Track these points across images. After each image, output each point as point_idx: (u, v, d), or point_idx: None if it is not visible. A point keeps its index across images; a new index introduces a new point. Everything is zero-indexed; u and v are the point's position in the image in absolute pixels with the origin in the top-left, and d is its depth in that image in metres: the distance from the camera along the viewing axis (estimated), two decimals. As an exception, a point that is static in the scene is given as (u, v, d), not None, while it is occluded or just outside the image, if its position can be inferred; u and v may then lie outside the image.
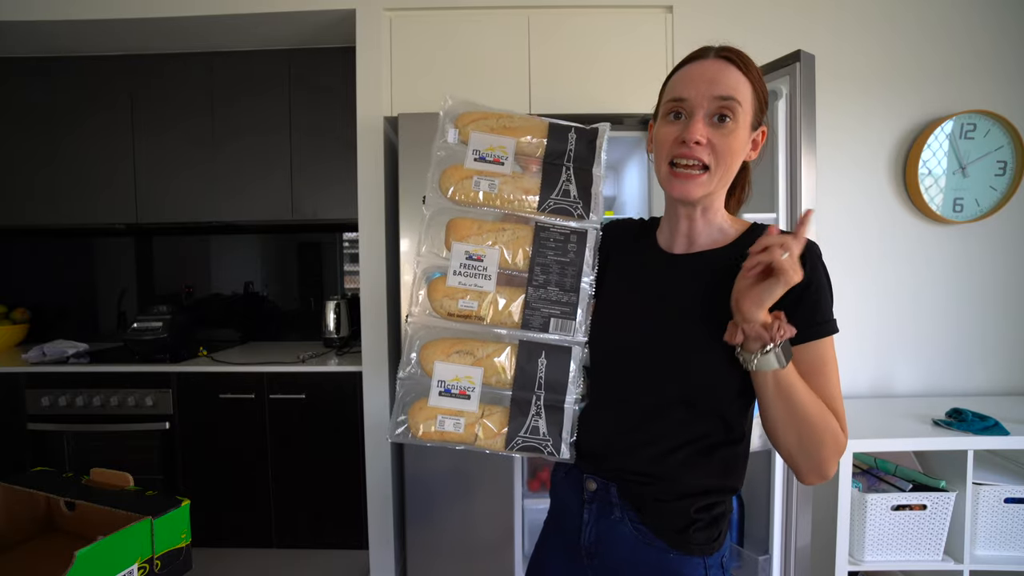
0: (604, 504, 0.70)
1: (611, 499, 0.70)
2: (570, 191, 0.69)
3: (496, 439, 0.67)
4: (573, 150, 0.70)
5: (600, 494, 0.71)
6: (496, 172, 0.68)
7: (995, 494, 1.45)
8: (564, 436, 0.67)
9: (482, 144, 0.69)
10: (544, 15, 1.84)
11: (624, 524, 0.69)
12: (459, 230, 0.69)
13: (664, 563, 0.67)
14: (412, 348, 0.69)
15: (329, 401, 1.96)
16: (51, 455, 1.98)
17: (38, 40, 2.08)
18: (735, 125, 0.65)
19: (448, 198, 0.69)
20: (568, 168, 0.69)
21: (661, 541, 0.67)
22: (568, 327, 0.68)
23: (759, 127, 0.69)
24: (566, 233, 0.69)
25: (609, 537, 0.70)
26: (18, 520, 0.78)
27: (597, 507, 0.71)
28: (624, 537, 0.69)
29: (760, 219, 1.24)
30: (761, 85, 0.68)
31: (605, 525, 0.70)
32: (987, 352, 1.89)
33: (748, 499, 1.37)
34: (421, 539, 1.70)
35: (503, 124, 0.70)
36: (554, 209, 0.68)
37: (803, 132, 1.18)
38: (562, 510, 0.78)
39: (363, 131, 1.85)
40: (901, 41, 1.86)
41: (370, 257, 1.87)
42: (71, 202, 2.21)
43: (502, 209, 0.69)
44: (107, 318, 2.57)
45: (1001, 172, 1.81)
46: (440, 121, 0.71)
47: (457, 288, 0.68)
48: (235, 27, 1.98)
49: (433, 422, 0.67)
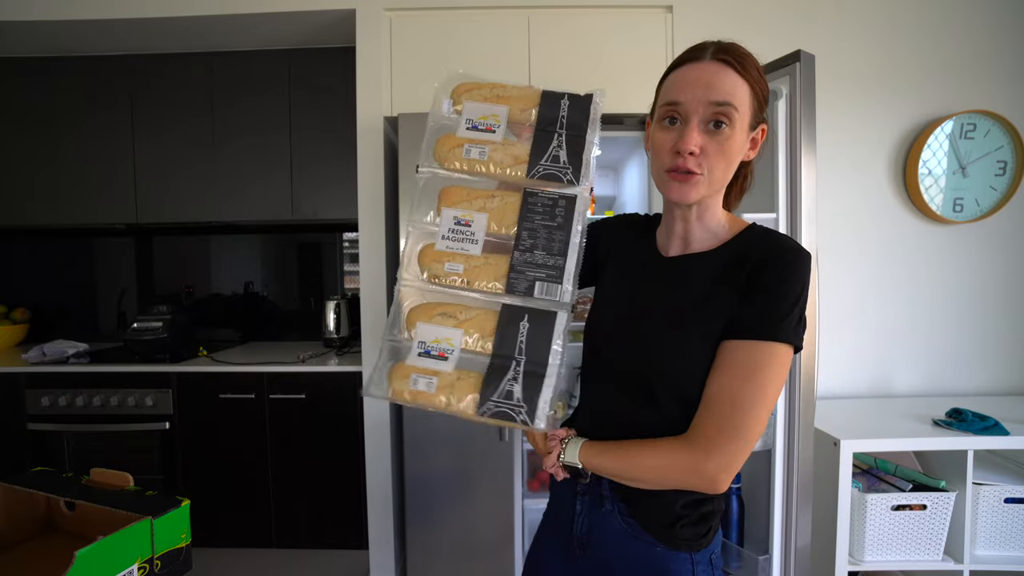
0: (596, 496, 0.72)
1: (603, 492, 0.71)
2: (560, 157, 0.67)
3: (467, 403, 0.64)
4: (566, 117, 0.68)
5: (592, 487, 0.72)
6: (487, 140, 0.68)
7: (995, 494, 1.45)
8: (541, 405, 0.62)
9: (475, 113, 0.69)
10: (544, 15, 1.84)
11: (614, 517, 0.70)
12: (450, 196, 0.69)
13: (652, 557, 0.68)
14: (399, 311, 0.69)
15: (329, 401, 1.96)
16: (51, 455, 1.98)
17: (38, 40, 2.08)
18: (731, 131, 0.63)
19: (440, 165, 0.69)
20: (560, 135, 0.68)
21: (649, 535, 0.68)
22: (554, 291, 0.66)
23: (759, 126, 0.68)
24: (554, 198, 0.68)
25: (600, 529, 0.72)
26: (18, 520, 0.78)
27: (590, 499, 0.73)
28: (614, 529, 0.70)
29: (760, 219, 1.24)
30: (760, 83, 0.66)
31: (597, 517, 0.72)
32: (987, 352, 1.89)
33: (748, 499, 1.37)
34: (421, 539, 1.70)
35: (496, 93, 0.70)
36: (543, 175, 0.67)
37: (803, 132, 1.18)
38: (558, 502, 0.79)
39: (363, 131, 1.85)
40: (901, 41, 1.86)
41: (370, 257, 1.87)
42: (71, 202, 2.21)
43: (492, 176, 0.69)
44: (107, 318, 2.57)
45: (1001, 172, 1.81)
46: (435, 92, 0.71)
47: (444, 252, 0.68)
48: (235, 27, 1.98)
49: (407, 381, 0.65)
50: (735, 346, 0.62)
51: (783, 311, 0.61)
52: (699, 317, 0.65)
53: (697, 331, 0.64)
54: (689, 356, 0.64)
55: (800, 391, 1.19)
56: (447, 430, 1.68)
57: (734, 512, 1.36)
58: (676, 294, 0.68)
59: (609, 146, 1.86)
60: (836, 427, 1.50)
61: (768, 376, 0.61)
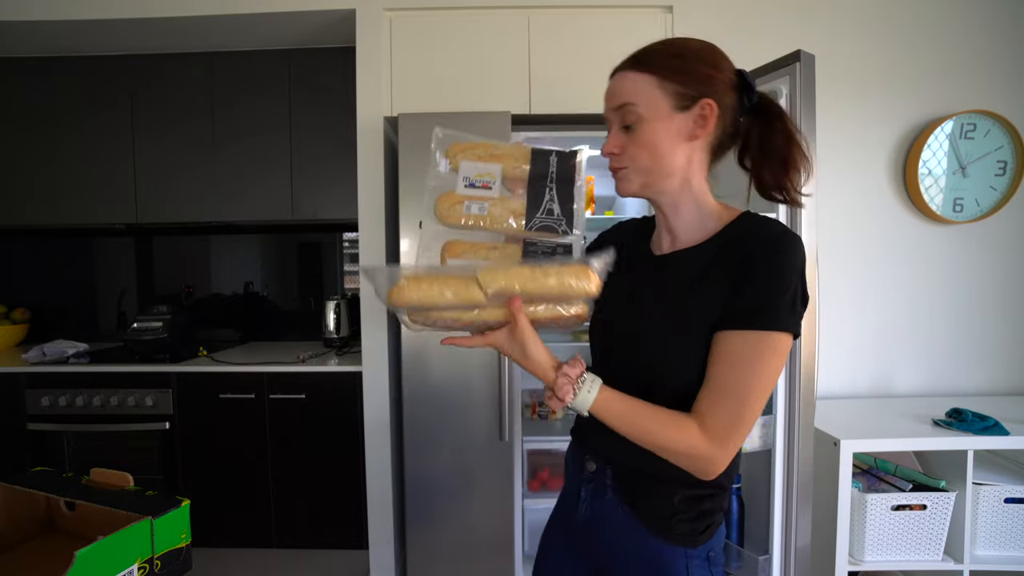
0: (600, 484, 0.74)
1: (606, 480, 0.73)
2: (554, 209, 0.72)
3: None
4: (555, 172, 0.74)
5: (598, 475, 0.74)
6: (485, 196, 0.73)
7: (995, 494, 1.45)
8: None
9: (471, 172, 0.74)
10: (544, 15, 1.84)
11: (615, 506, 0.72)
12: (454, 249, 0.74)
13: (647, 548, 0.70)
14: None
15: (329, 401, 1.96)
16: (51, 455, 1.98)
17: (38, 40, 2.08)
18: (640, 125, 0.68)
19: (442, 222, 0.73)
20: (551, 188, 0.73)
21: (646, 527, 0.70)
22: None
23: (696, 102, 0.67)
24: (552, 246, 0.73)
25: (601, 516, 0.74)
26: (18, 520, 0.78)
27: (594, 487, 0.75)
28: (614, 518, 0.72)
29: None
30: (674, 66, 0.67)
31: (599, 505, 0.74)
32: (987, 352, 1.89)
33: (748, 499, 1.37)
34: (421, 539, 1.70)
35: (490, 152, 0.75)
36: (540, 227, 0.72)
37: (803, 132, 1.18)
38: (566, 492, 0.82)
39: (363, 131, 1.85)
40: (901, 41, 1.86)
41: (370, 257, 1.87)
42: (71, 202, 2.21)
43: (492, 230, 0.73)
44: (107, 318, 2.57)
45: (1001, 172, 1.81)
46: (432, 153, 0.75)
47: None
48: (235, 27, 1.98)
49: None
50: (736, 336, 0.62)
51: (780, 299, 0.61)
52: (690, 309, 0.66)
53: (688, 323, 0.66)
54: (682, 348, 0.66)
55: (800, 391, 1.20)
56: (447, 430, 1.68)
57: (734, 512, 1.36)
58: (666, 289, 0.70)
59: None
60: (836, 427, 1.51)
61: (771, 366, 0.62)
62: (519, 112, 1.78)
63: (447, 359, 1.68)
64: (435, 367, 1.68)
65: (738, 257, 0.64)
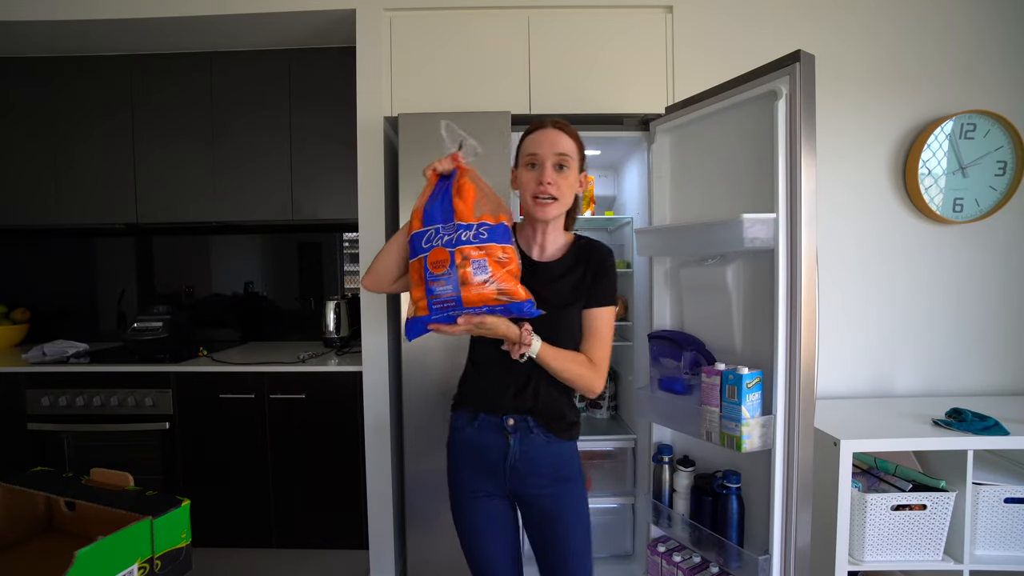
0: (524, 430, 1.07)
1: (529, 424, 1.07)
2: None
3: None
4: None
5: (519, 424, 1.07)
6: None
7: (995, 494, 1.45)
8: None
9: None
10: (544, 15, 1.84)
11: (538, 435, 1.07)
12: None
13: (559, 449, 1.09)
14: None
15: (329, 401, 1.96)
16: (51, 455, 1.98)
17: (38, 40, 2.08)
18: (569, 171, 1.06)
19: None
20: None
21: (557, 438, 1.08)
22: None
23: (582, 171, 1.11)
24: None
25: (530, 449, 1.07)
26: (18, 520, 0.78)
27: (520, 434, 1.07)
28: (538, 444, 1.07)
29: (760, 219, 1.24)
30: (580, 144, 1.09)
31: (528, 442, 1.07)
32: (987, 352, 1.89)
33: (748, 499, 1.37)
34: (421, 539, 1.70)
35: None
36: None
37: (803, 132, 1.17)
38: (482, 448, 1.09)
39: (363, 131, 1.85)
40: (901, 41, 1.86)
41: (370, 257, 1.86)
42: (71, 202, 2.21)
43: None
44: (107, 318, 2.57)
45: (1001, 172, 1.81)
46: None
47: None
48: (235, 27, 1.98)
49: None
50: (599, 312, 1.07)
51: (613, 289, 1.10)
52: (572, 301, 1.07)
53: (575, 306, 1.07)
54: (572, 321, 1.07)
55: (800, 391, 1.19)
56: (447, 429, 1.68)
57: (734, 512, 1.36)
58: (555, 288, 1.07)
59: (609, 146, 1.86)
60: (836, 427, 1.51)
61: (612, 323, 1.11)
62: (519, 112, 1.78)
63: (447, 359, 1.68)
64: (435, 367, 1.68)
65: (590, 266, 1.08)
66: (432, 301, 0.91)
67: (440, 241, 0.92)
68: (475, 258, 0.89)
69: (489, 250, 0.91)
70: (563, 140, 1.04)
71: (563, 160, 1.04)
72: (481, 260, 0.89)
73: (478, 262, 0.89)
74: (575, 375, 1.03)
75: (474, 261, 0.89)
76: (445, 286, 0.89)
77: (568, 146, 1.05)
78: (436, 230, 0.93)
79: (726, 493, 1.36)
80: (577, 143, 1.07)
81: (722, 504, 1.37)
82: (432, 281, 0.90)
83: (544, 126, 1.06)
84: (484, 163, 1.63)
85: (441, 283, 0.89)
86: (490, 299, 0.90)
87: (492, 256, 0.91)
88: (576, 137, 1.08)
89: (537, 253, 1.11)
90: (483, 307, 0.91)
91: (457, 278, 0.89)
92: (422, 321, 0.94)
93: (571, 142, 1.06)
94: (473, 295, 0.89)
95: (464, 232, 0.91)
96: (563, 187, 1.04)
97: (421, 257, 0.93)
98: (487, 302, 0.90)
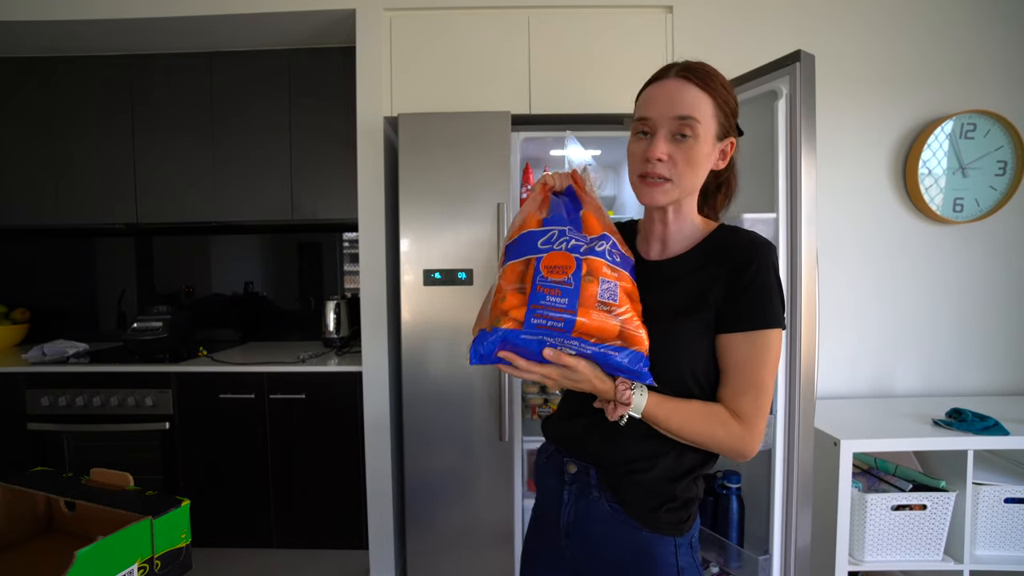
0: (583, 485, 0.77)
1: (590, 480, 0.76)
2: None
3: None
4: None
5: (580, 476, 0.78)
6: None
7: (995, 494, 1.45)
8: None
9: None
10: (544, 15, 1.84)
11: (601, 503, 0.76)
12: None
13: (636, 540, 0.74)
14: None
15: (329, 401, 1.96)
16: (51, 455, 1.98)
17: (38, 40, 2.08)
18: (694, 141, 0.70)
19: None
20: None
21: (633, 519, 0.74)
22: None
23: (726, 137, 0.74)
24: None
25: (587, 515, 0.77)
26: (18, 520, 0.78)
27: (577, 488, 0.78)
28: (601, 514, 0.76)
29: (760, 219, 1.24)
30: (725, 97, 0.72)
31: (584, 504, 0.77)
32: (987, 352, 1.89)
33: (748, 499, 1.37)
34: (421, 539, 1.70)
35: None
36: None
37: (803, 132, 1.17)
38: (544, 493, 0.85)
39: (363, 131, 1.85)
40: (901, 41, 1.86)
41: (370, 257, 1.87)
42: (71, 202, 2.21)
43: None
44: (107, 318, 2.57)
45: (1001, 172, 1.81)
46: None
47: None
48: (235, 27, 1.98)
49: None
50: (743, 339, 0.70)
51: (772, 302, 0.70)
52: (689, 314, 0.71)
53: (690, 326, 0.71)
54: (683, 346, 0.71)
55: (800, 391, 1.19)
56: (447, 430, 1.68)
57: (734, 512, 1.36)
58: (665, 295, 0.74)
59: (609, 146, 1.86)
60: (836, 427, 1.51)
61: (774, 359, 0.71)
62: (519, 112, 1.78)
63: (447, 359, 1.68)
64: (435, 367, 1.68)
65: (728, 266, 0.71)
66: (534, 312, 0.65)
67: (566, 244, 0.68)
68: (607, 278, 0.67)
69: (622, 276, 0.69)
70: (687, 95, 0.70)
71: (685, 126, 0.69)
72: (612, 284, 0.67)
73: (608, 284, 0.66)
74: (707, 438, 0.70)
75: (604, 281, 0.66)
76: (560, 298, 0.64)
77: (695, 103, 0.70)
78: (562, 231, 0.70)
79: (726, 493, 1.36)
80: (712, 96, 0.71)
81: (722, 504, 1.37)
82: (543, 287, 0.66)
83: (666, 74, 0.73)
84: (484, 164, 1.64)
85: (555, 292, 0.65)
86: (609, 336, 0.65)
87: (624, 286, 0.68)
88: (712, 86, 0.71)
89: (658, 251, 0.79)
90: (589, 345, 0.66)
91: (579, 293, 0.65)
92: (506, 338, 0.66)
93: (702, 95, 0.70)
94: (593, 323, 0.64)
95: (599, 244, 0.69)
96: (681, 163, 0.71)
97: (531, 258, 0.69)
98: (604, 339, 0.65)
